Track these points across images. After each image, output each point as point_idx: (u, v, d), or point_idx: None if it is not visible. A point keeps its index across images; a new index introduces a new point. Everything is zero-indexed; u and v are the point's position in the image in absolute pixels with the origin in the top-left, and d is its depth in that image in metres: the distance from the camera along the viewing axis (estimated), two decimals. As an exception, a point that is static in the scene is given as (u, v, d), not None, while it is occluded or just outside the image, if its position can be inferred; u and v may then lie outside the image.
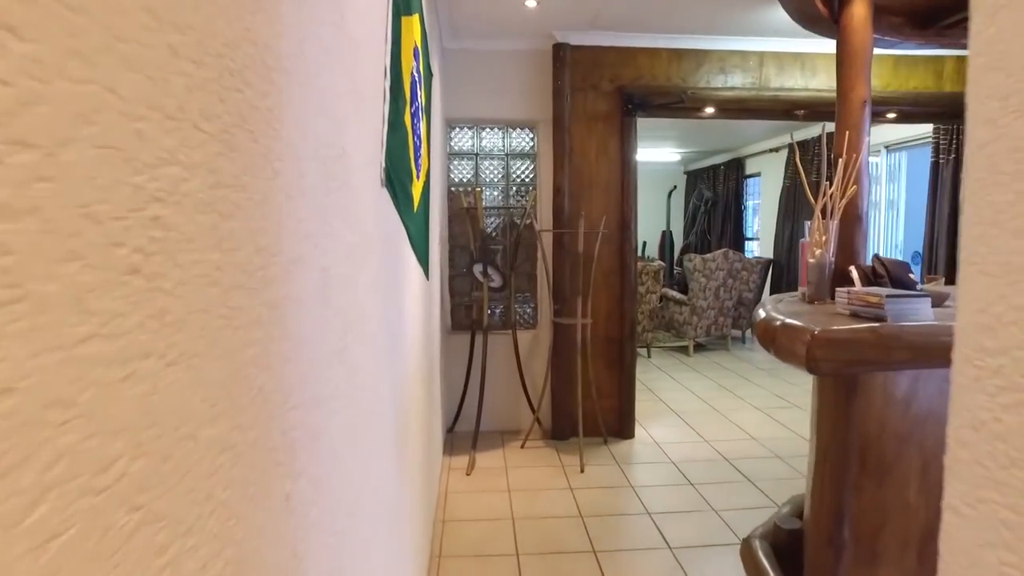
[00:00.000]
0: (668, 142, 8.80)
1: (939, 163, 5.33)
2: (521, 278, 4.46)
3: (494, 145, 4.43)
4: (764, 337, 1.83)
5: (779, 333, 1.71)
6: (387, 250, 1.50)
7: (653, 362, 6.69)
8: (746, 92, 4.17)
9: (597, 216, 4.10)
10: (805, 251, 2.31)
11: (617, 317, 4.24)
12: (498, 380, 4.37)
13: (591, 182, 4.16)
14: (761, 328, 1.87)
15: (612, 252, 4.21)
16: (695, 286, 6.80)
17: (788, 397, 5.27)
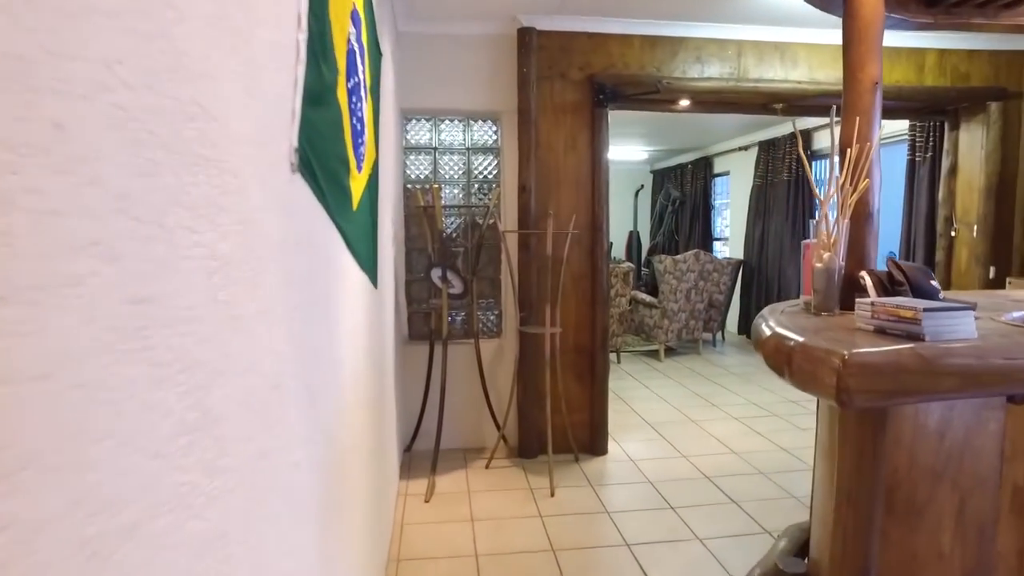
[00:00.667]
0: (635, 139, 8.56)
1: (915, 161, 5.16)
2: (484, 283, 4.12)
3: (454, 139, 4.08)
4: (775, 359, 1.53)
5: (797, 356, 1.41)
6: (307, 260, 1.15)
7: (623, 368, 6.41)
8: (724, 83, 3.90)
9: (566, 216, 3.78)
10: (808, 254, 2.02)
11: (588, 325, 3.93)
12: (460, 394, 4.02)
13: (559, 179, 3.85)
14: (770, 348, 1.56)
15: (582, 254, 3.89)
16: (665, 288, 6.55)
17: (766, 405, 5.03)
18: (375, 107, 2.29)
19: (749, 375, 6.05)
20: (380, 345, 2.70)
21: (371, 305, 2.28)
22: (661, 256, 6.56)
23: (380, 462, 2.57)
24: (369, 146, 2.15)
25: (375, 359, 2.49)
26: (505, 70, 3.84)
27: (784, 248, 6.86)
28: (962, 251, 4.61)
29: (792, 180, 6.76)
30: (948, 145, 4.68)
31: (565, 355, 3.90)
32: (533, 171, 3.75)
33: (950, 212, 4.68)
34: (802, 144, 6.70)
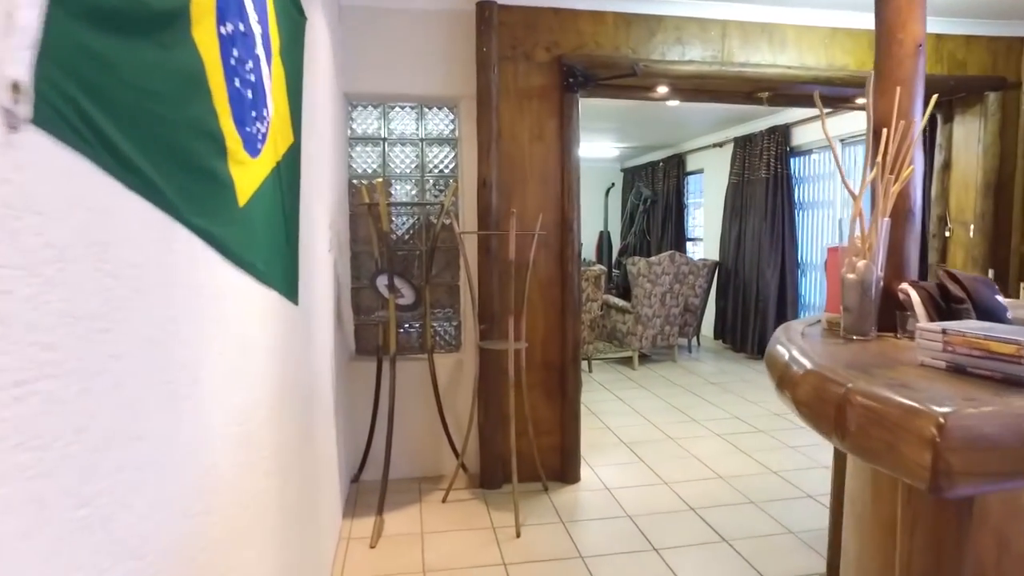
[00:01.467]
0: (606, 135, 8.18)
1: (904, 156, 4.84)
2: (440, 291, 3.66)
3: (406, 128, 3.62)
4: (817, 411, 1.11)
5: (857, 413, 0.99)
6: (92, 287, 0.69)
7: (595, 378, 6.00)
8: (707, 67, 3.51)
9: (532, 215, 3.35)
10: (834, 262, 1.62)
11: (558, 338, 3.50)
12: (413, 416, 3.56)
13: (524, 173, 3.41)
14: (808, 393, 1.14)
15: (551, 258, 3.46)
16: (639, 292, 6.16)
17: (749, 419, 4.66)
18: (291, 79, 1.82)
19: (728, 384, 5.69)
20: (308, 369, 2.23)
21: (287, 326, 1.81)
22: (634, 258, 6.17)
23: (309, 509, 2.10)
24: (279, 126, 1.69)
25: (300, 388, 2.03)
26: (462, 50, 3.39)
27: (763, 249, 6.53)
28: (957, 252, 4.29)
29: (771, 178, 6.43)
30: (941, 139, 4.36)
31: (532, 372, 3.46)
32: (494, 164, 3.30)
33: (944, 211, 4.37)
34: (783, 141, 6.40)
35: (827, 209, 6.05)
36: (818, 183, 6.17)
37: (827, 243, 6.07)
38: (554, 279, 3.46)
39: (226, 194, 1.19)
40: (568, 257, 3.42)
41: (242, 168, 1.29)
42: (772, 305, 6.40)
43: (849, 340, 1.49)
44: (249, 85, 1.32)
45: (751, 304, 6.72)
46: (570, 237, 3.40)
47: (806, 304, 6.41)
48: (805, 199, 6.37)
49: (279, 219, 1.68)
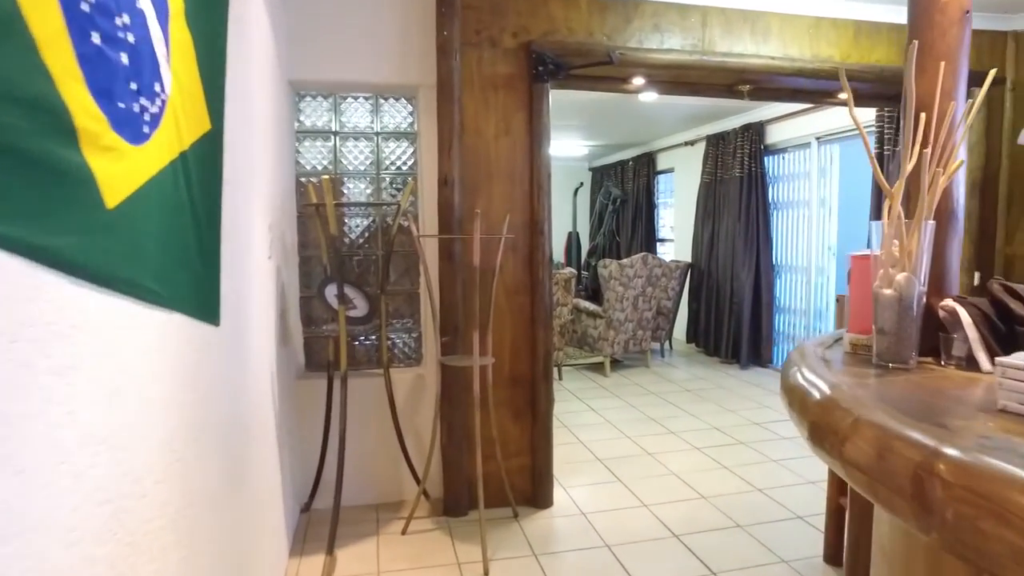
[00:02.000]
0: (574, 132, 7.92)
1: (884, 154, 4.67)
2: (398, 300, 3.34)
3: (360, 121, 3.29)
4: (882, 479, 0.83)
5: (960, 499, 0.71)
6: None
7: (566, 386, 5.73)
8: (687, 56, 3.25)
9: (499, 216, 3.05)
10: (862, 272, 1.35)
11: (527, 350, 3.20)
12: (369, 437, 3.23)
13: (490, 170, 3.11)
14: (865, 450, 0.87)
15: (519, 264, 3.17)
16: (611, 296, 5.91)
17: (728, 430, 4.43)
18: (205, 52, 1.49)
19: (703, 392, 5.47)
20: (239, 397, 1.90)
21: (202, 354, 1.48)
22: (606, 260, 5.92)
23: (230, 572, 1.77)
24: (187, 109, 1.36)
25: (226, 421, 1.70)
26: (421, 35, 3.08)
27: (737, 250, 6.33)
28: (941, 255, 4.11)
29: (744, 176, 6.24)
30: (924, 136, 4.18)
31: (500, 388, 3.16)
32: (457, 161, 2.99)
33: (927, 211, 4.18)
34: (757, 139, 6.21)
35: (802, 209, 5.87)
36: (793, 182, 6.00)
37: (803, 244, 5.90)
38: (523, 286, 3.17)
39: (80, 192, 0.87)
40: (538, 262, 3.13)
41: (113, 157, 0.96)
42: (747, 308, 6.21)
43: (885, 369, 1.22)
44: (123, 47, 1.00)
45: (725, 307, 6.53)
46: (540, 240, 3.11)
47: (782, 307, 6.24)
48: (780, 199, 6.19)
49: (185, 223, 1.35)
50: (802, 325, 5.94)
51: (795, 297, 6.07)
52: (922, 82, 1.24)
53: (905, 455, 0.78)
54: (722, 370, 6.30)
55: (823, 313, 5.72)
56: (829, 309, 5.69)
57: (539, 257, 3.11)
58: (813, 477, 3.59)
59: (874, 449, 0.85)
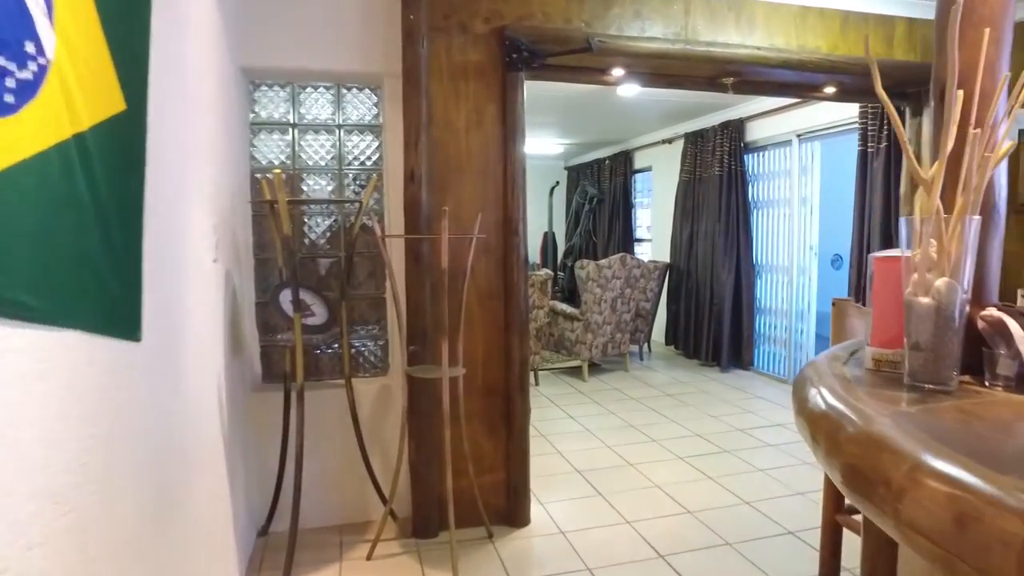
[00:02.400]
0: (549, 130, 7.74)
1: (868, 152, 4.55)
2: (362, 305, 3.11)
3: (321, 112, 3.05)
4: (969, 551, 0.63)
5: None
6: None
7: (542, 392, 5.53)
8: (670, 45, 3.07)
9: (469, 214, 2.84)
10: (889, 277, 1.16)
11: (501, 359, 2.99)
12: (331, 453, 3.00)
13: (460, 165, 2.89)
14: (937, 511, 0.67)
15: (493, 266, 2.95)
16: (589, 298, 5.72)
17: (711, 437, 4.27)
18: (114, 17, 1.25)
19: (685, 396, 5.31)
20: (171, 420, 1.66)
21: (112, 377, 1.24)
22: (583, 261, 5.73)
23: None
24: (90, 80, 1.12)
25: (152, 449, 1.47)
26: (386, 19, 2.85)
27: (716, 250, 6.19)
28: (929, 255, 3.99)
29: (724, 175, 6.10)
30: (910, 133, 4.06)
31: (472, 399, 2.94)
32: (424, 155, 2.77)
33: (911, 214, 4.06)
34: (737, 136, 6.07)
35: (783, 208, 5.74)
36: (774, 181, 5.87)
37: (784, 243, 5.77)
38: (496, 290, 2.96)
39: None
40: (513, 264, 2.91)
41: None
42: (727, 309, 6.07)
43: (922, 392, 1.03)
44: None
45: (705, 308, 6.38)
46: (515, 241, 2.90)
47: (763, 308, 6.11)
48: (760, 197, 6.06)
49: (83, 221, 1.11)
50: (783, 327, 5.81)
51: (776, 298, 5.94)
52: (966, 53, 1.05)
53: (1004, 528, 0.58)
54: (702, 373, 6.15)
55: (805, 314, 5.59)
56: (811, 310, 5.57)
57: (513, 259, 2.90)
58: (802, 488, 3.43)
59: (949, 513, 0.65)
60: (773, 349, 6.00)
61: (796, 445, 4.10)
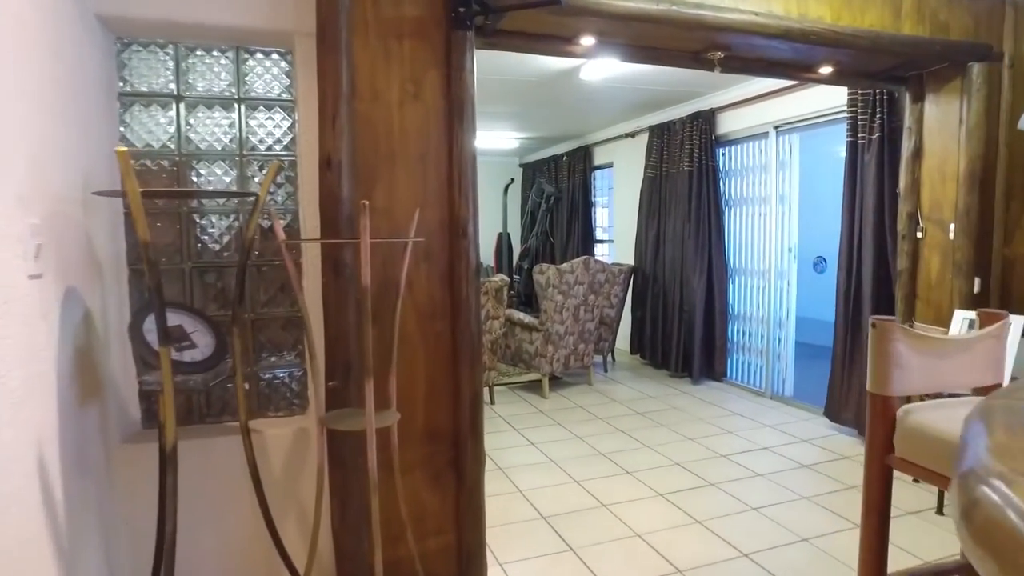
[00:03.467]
0: (502, 122, 7.15)
1: (858, 144, 4.09)
2: (273, 327, 2.46)
3: (215, 82, 2.39)
4: None
5: None
6: None
7: (498, 411, 4.94)
8: (654, 6, 2.51)
9: (405, 212, 2.22)
10: None
11: (448, 395, 2.38)
12: (230, 519, 2.34)
13: (393, 149, 2.27)
14: None
15: (436, 277, 2.34)
16: (549, 306, 5.15)
17: (692, 465, 3.74)
18: None
19: (656, 415, 4.78)
20: None
21: None
22: (542, 266, 5.16)
23: None
24: None
25: None
26: (295, -40, 2.21)
27: (686, 252, 5.70)
28: (933, 257, 3.55)
29: (694, 170, 5.61)
30: (910, 121, 3.61)
31: (411, 447, 2.33)
32: (346, 135, 2.15)
33: (915, 207, 3.62)
34: (707, 129, 5.59)
35: (759, 206, 5.28)
36: (748, 176, 5.40)
37: (760, 244, 5.31)
38: (441, 308, 2.34)
39: None
40: (461, 274, 2.31)
41: None
42: (699, 316, 5.58)
43: None
44: None
45: (674, 314, 5.89)
46: (463, 245, 2.29)
47: (736, 315, 5.64)
48: (734, 195, 5.59)
49: None
50: (760, 334, 5.35)
51: (751, 304, 5.48)
52: None
53: None
54: (672, 385, 5.65)
55: (783, 322, 5.14)
56: (790, 317, 5.11)
57: (462, 268, 2.30)
58: (806, 531, 2.92)
59: None
60: (748, 359, 5.54)
61: (787, 474, 3.61)
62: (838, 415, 4.27)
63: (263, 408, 2.49)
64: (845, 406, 4.21)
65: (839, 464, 3.76)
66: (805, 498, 3.29)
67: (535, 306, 5.35)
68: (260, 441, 2.31)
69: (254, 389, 2.48)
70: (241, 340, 1.99)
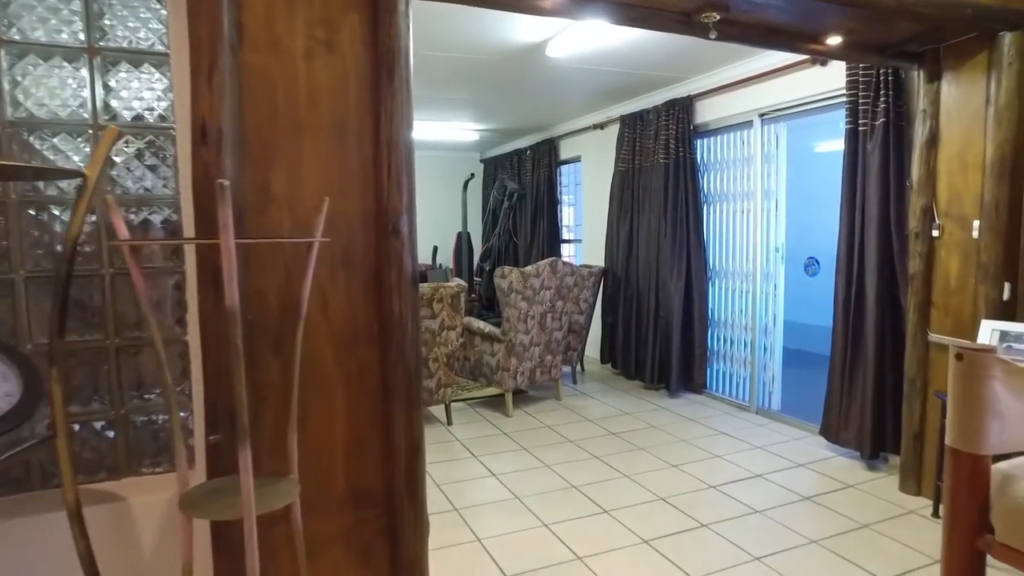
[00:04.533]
0: (460, 110, 6.57)
1: (858, 131, 3.63)
2: (135, 361, 1.84)
3: (56, 25, 1.76)
4: None
5: None
6: None
7: (455, 433, 4.36)
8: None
9: (315, 201, 1.63)
10: None
11: (377, 446, 1.80)
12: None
13: (298, 117, 1.68)
14: None
15: (358, 291, 1.76)
16: (512, 314, 4.59)
17: (681, 503, 3.21)
18: None
19: (632, 435, 4.26)
20: None
21: None
22: (504, 269, 4.59)
23: None
24: None
25: None
26: None
27: (662, 253, 5.20)
28: (951, 259, 3.10)
29: (670, 163, 5.11)
30: (925, 104, 3.15)
31: (328, 516, 1.74)
32: (228, 97, 1.55)
33: (930, 201, 3.16)
34: (684, 118, 5.10)
35: (742, 202, 4.81)
36: (731, 170, 4.92)
37: (743, 244, 4.84)
38: (365, 330, 1.76)
39: None
40: (392, 285, 1.73)
41: None
42: (676, 322, 5.08)
43: None
44: None
45: (648, 321, 5.38)
46: (395, 247, 1.71)
47: (717, 321, 5.16)
48: (715, 190, 5.10)
49: None
50: (743, 342, 4.88)
51: (734, 309, 5.00)
52: None
53: None
54: (648, 399, 5.14)
55: (770, 328, 4.67)
56: (777, 324, 4.65)
57: (393, 277, 1.72)
58: (822, 593, 2.41)
59: None
60: (730, 369, 5.07)
61: (788, 510, 3.11)
62: (836, 435, 3.80)
63: (135, 464, 1.87)
64: (845, 425, 3.74)
65: (845, 495, 3.28)
66: (814, 542, 2.80)
67: (499, 311, 4.78)
68: (120, 515, 1.70)
69: (123, 439, 1.86)
70: (61, 384, 1.38)
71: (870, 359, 3.56)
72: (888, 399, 3.53)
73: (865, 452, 3.59)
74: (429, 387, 4.38)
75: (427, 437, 4.31)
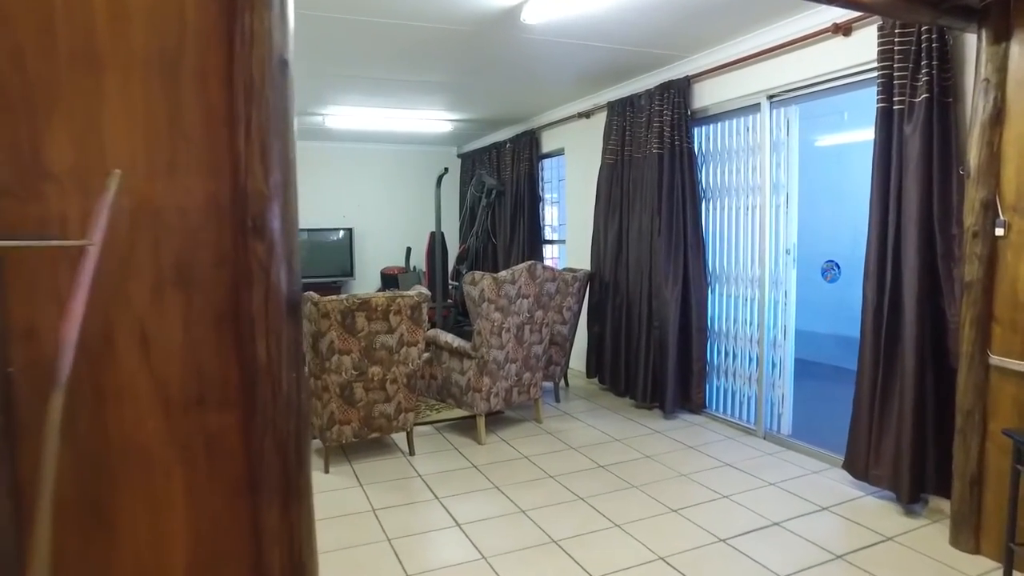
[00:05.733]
0: (433, 98, 5.93)
1: (893, 110, 3.04)
2: None
3: None
4: None
5: None
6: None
7: (417, 466, 3.72)
8: None
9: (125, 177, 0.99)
10: None
11: (241, 566, 1.16)
12: None
13: (93, 44, 1.03)
14: None
15: (203, 322, 1.11)
16: (484, 327, 3.96)
17: (686, 563, 2.59)
18: None
19: (624, 469, 3.64)
20: None
21: None
22: (475, 274, 3.96)
23: None
24: None
25: None
26: None
27: (655, 255, 4.59)
28: (1020, 263, 2.51)
29: (665, 154, 4.50)
30: (988, 71, 2.55)
31: None
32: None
33: (992, 192, 2.56)
34: (681, 102, 4.48)
35: (746, 198, 4.21)
36: (734, 160, 4.32)
37: (748, 245, 4.24)
38: (217, 384, 1.11)
39: None
40: (256, 317, 1.08)
41: None
42: (672, 332, 4.48)
43: None
44: None
45: (640, 331, 4.77)
46: (259, 254, 1.07)
47: (718, 332, 4.55)
48: (716, 184, 4.50)
49: None
50: (748, 356, 4.28)
51: (737, 319, 4.40)
52: None
53: None
54: (641, 421, 4.53)
55: (779, 342, 4.07)
56: (788, 337, 4.05)
57: (256, 303, 1.07)
58: None
59: None
60: (733, 385, 4.47)
61: (819, 573, 2.51)
62: (865, 471, 3.20)
63: None
64: (876, 461, 3.15)
65: (885, 551, 2.68)
66: (857, 625, 2.19)
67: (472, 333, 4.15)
68: None
69: None
70: None
71: (908, 382, 2.97)
72: (929, 431, 2.95)
73: (903, 495, 3.00)
74: (387, 413, 3.74)
75: (383, 473, 3.68)
